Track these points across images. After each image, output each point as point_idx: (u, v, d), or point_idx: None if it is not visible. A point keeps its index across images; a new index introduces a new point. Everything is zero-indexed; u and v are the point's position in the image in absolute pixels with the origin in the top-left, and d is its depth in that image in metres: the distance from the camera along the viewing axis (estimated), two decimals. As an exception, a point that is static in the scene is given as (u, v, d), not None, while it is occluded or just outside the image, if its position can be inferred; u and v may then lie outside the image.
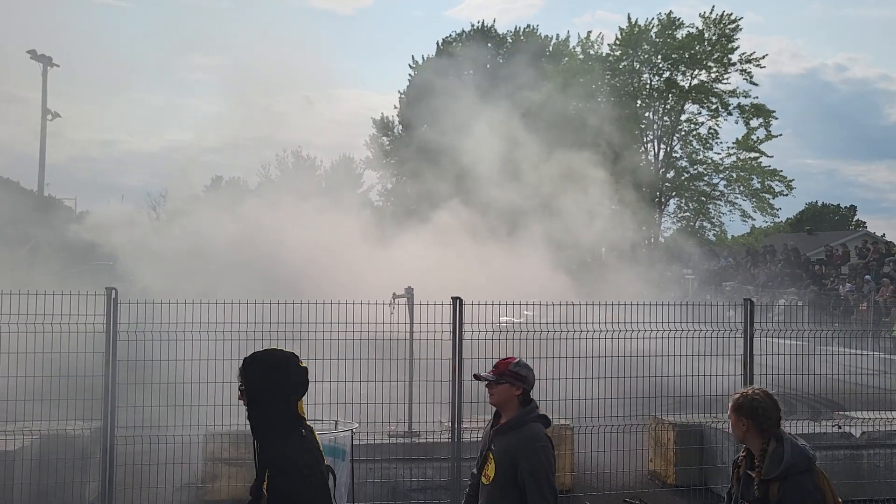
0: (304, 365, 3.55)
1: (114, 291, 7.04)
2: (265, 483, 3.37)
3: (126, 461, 7.42)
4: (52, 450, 7.71)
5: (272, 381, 3.41)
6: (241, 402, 3.57)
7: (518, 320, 8.60)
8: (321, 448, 3.63)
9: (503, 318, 8.29)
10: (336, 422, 6.89)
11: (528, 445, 4.29)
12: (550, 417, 4.55)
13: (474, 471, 4.59)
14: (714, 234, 48.21)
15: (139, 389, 7.42)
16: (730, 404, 4.24)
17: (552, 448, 4.39)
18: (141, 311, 7.43)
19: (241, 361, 3.62)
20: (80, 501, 7.78)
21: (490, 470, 4.40)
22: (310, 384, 3.74)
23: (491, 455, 4.41)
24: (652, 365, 8.61)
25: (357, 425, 6.88)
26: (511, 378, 4.45)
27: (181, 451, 8.16)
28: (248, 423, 3.62)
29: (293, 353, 3.57)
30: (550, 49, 49.78)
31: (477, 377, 4.63)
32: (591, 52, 46.86)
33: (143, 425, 7.52)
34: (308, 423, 3.62)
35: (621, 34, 46.12)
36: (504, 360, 4.58)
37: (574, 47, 48.46)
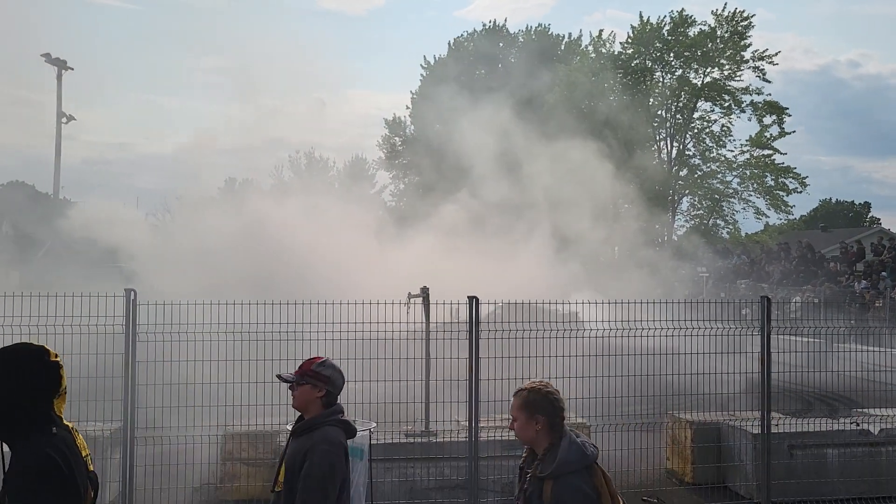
0: (55, 360, 3.22)
1: (133, 293, 7.09)
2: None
3: (146, 461, 7.47)
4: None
5: (15, 377, 3.10)
6: None
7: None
8: (80, 450, 3.23)
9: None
10: (353, 421, 6.90)
11: (314, 448, 3.99)
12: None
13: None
14: (728, 232, 47.96)
15: (157, 390, 7.46)
16: (516, 402, 3.82)
17: (343, 457, 4.07)
18: (155, 312, 7.47)
19: None
20: (100, 501, 7.83)
21: (282, 476, 4.12)
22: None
23: (284, 461, 4.15)
24: (667, 363, 8.59)
25: (374, 425, 6.91)
26: (313, 379, 4.19)
27: (199, 451, 8.22)
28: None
29: (43, 347, 3.23)
30: (562, 48, 49.69)
31: (280, 378, 4.32)
32: (603, 50, 46.76)
33: (162, 426, 7.56)
34: (66, 423, 3.26)
35: (633, 32, 46.01)
36: (309, 359, 4.31)
37: (586, 46, 48.37)
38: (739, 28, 43.96)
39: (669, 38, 44.97)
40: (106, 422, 7.74)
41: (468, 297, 7.52)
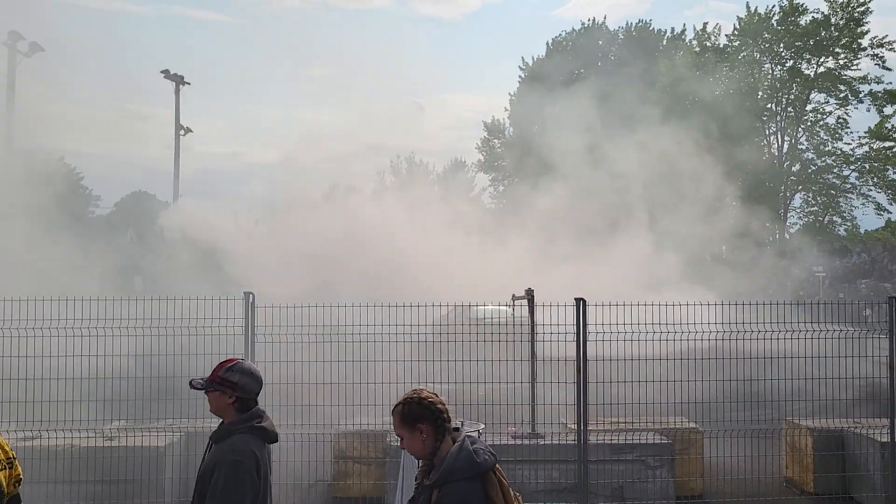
0: None
1: (251, 296, 7.42)
2: None
3: (264, 458, 7.78)
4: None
5: None
6: None
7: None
8: None
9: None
10: (462, 422, 6.98)
11: (221, 460, 3.82)
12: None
13: None
14: (845, 230, 45.44)
15: (274, 389, 7.76)
16: (394, 420, 3.64)
17: (254, 467, 3.85)
18: (271, 314, 7.78)
19: None
20: (223, 495, 8.22)
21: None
22: (436, 385, 3.72)
23: (200, 471, 3.99)
24: (782, 367, 8.25)
25: (483, 426, 6.96)
26: (220, 385, 4.00)
27: (313, 449, 8.52)
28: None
29: None
30: (664, 43, 48.48)
31: (191, 384, 4.14)
32: (708, 44, 45.30)
33: (279, 424, 7.86)
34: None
35: (740, 24, 44.36)
36: (221, 363, 4.10)
37: (690, 40, 47.00)
38: (856, 14, 41.64)
39: (779, 28, 43.09)
40: (227, 419, 8.12)
41: (575, 298, 7.47)
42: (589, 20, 50.95)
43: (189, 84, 37.30)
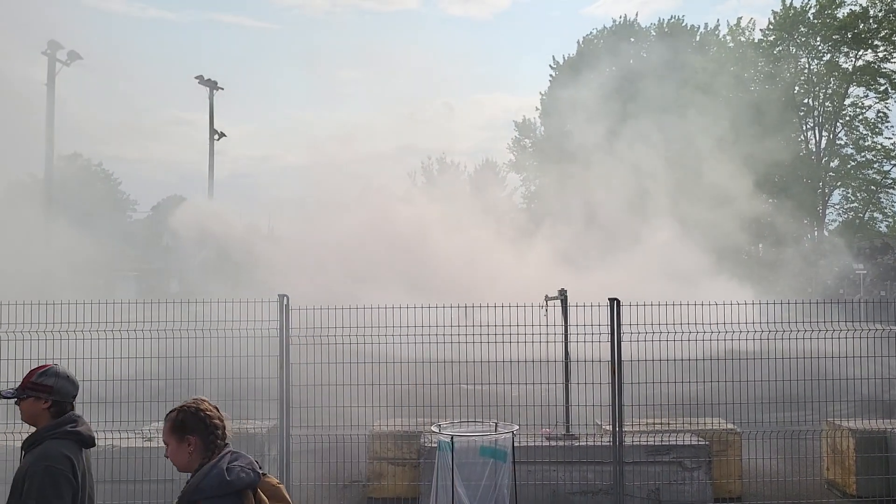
0: None
1: (286, 298, 7.49)
2: None
3: (301, 458, 7.86)
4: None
5: None
6: None
7: None
8: None
9: None
10: (496, 423, 6.98)
11: (31, 469, 3.64)
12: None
13: None
14: (887, 226, 44.44)
15: (309, 391, 7.83)
16: (165, 426, 3.47)
17: (68, 471, 3.67)
18: (306, 316, 7.83)
19: None
20: (259, 495, 8.31)
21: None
22: (468, 386, 3.68)
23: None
24: (823, 367, 8.10)
25: (517, 427, 6.94)
26: (34, 391, 3.83)
27: (348, 449, 8.57)
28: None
29: None
30: (697, 39, 47.89)
31: (1, 394, 3.91)
32: (742, 39, 44.65)
33: (314, 424, 7.93)
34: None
35: (775, 18, 43.64)
36: (32, 370, 3.92)
37: (724, 36, 46.35)
38: (895, 6, 40.73)
39: (815, 21, 42.30)
40: (264, 420, 8.22)
41: (609, 299, 7.41)
42: (620, 17, 50.57)
43: (223, 89, 37.69)
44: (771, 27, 43.91)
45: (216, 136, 36.66)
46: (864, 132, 43.23)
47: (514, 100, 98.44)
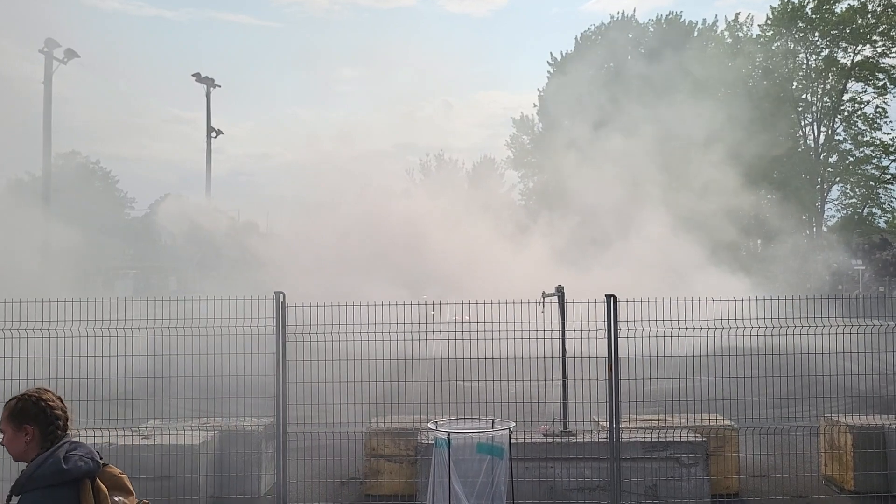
0: None
1: (282, 296, 7.47)
2: None
3: (297, 455, 7.85)
4: (230, 444, 8.30)
5: None
6: None
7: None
8: None
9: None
10: (493, 420, 6.97)
11: None
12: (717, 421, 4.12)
13: None
14: (886, 221, 44.46)
15: (305, 388, 7.82)
16: (3, 413, 3.36)
17: None
18: (302, 313, 7.83)
19: None
20: (257, 492, 8.32)
21: None
22: (465, 383, 3.65)
23: None
24: (821, 363, 8.10)
25: (514, 424, 6.92)
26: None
27: (345, 446, 8.56)
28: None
29: None
30: (695, 34, 47.88)
31: None
32: (741, 34, 44.63)
33: (311, 422, 7.93)
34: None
35: (773, 13, 43.61)
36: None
37: (722, 31, 46.33)
38: (894, 1, 40.69)
39: (814, 16, 42.29)
40: (260, 417, 8.21)
41: (606, 295, 7.40)
42: (618, 13, 50.54)
43: (220, 87, 37.67)
44: (769, 23, 43.90)
45: (214, 134, 36.63)
46: (863, 127, 43.28)
47: (513, 97, 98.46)
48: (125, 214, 55.47)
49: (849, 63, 42.34)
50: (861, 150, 43.36)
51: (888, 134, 42.58)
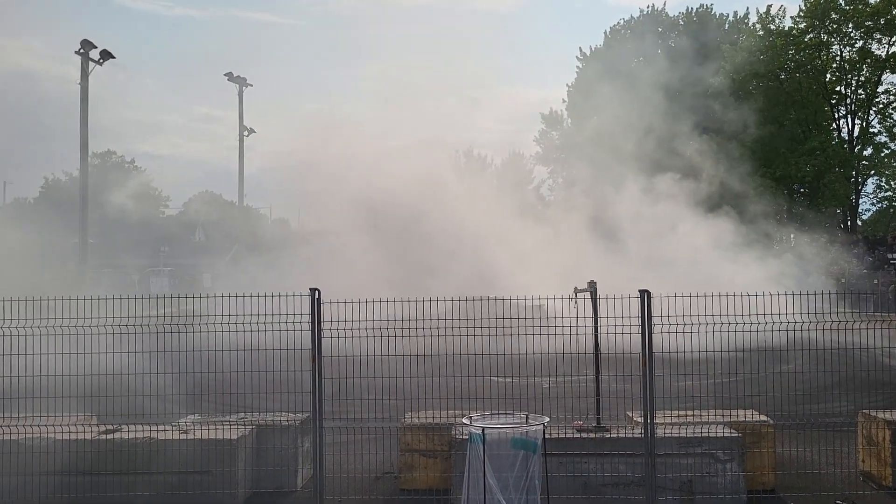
0: None
1: (317, 292, 7.57)
2: None
3: (333, 450, 7.96)
4: (267, 439, 8.44)
5: None
6: None
7: None
8: None
9: None
10: (527, 415, 7.01)
11: None
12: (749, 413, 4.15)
13: None
14: (923, 215, 43.58)
15: (341, 383, 7.92)
16: None
17: None
18: (337, 309, 7.92)
19: None
20: (293, 486, 8.45)
21: None
22: (498, 379, 3.66)
23: None
24: (858, 358, 8.01)
25: (548, 419, 6.96)
26: None
27: (380, 441, 8.66)
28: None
29: None
30: (726, 28, 47.30)
31: None
32: (772, 27, 43.95)
33: (346, 416, 8.04)
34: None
35: (805, 5, 42.87)
36: None
37: (753, 24, 45.68)
38: (932, -10, 39.81)
39: (847, 7, 41.50)
40: (296, 412, 8.33)
41: (640, 290, 7.39)
42: (648, 7, 50.02)
43: (252, 86, 38.06)
44: (802, 14, 43.16)
45: (246, 133, 37.01)
46: (900, 120, 42.41)
47: (541, 92, 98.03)
48: (160, 213, 56.35)
49: (884, 54, 41.52)
50: (897, 142, 42.55)
51: (925, 126, 41.76)
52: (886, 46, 41.56)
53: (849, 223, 42.59)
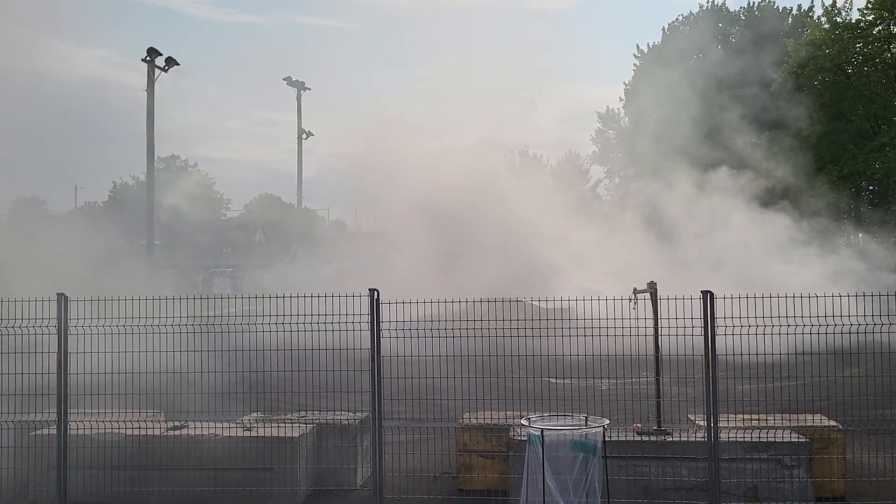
0: None
1: (376, 292, 7.64)
2: None
3: (392, 449, 8.02)
4: (327, 437, 8.56)
5: None
6: None
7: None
8: None
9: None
10: (586, 417, 6.95)
11: None
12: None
13: None
14: None
15: (399, 383, 7.98)
16: None
17: None
18: (396, 310, 7.98)
19: None
20: (353, 484, 8.55)
21: None
22: (555, 381, 3.63)
23: None
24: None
25: (608, 422, 6.89)
26: None
27: (437, 442, 8.69)
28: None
29: None
30: (790, 21, 46.02)
31: None
32: (839, 19, 42.56)
33: (405, 417, 8.09)
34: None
35: (874, -4, 41.39)
36: None
37: (819, 17, 44.32)
38: None
39: (919, -4, 39.89)
40: (356, 412, 8.43)
41: (702, 291, 7.25)
42: (707, 1, 48.97)
43: (310, 89, 38.65)
44: (870, 6, 41.67)
45: (304, 136, 37.61)
46: (977, 113, 40.54)
47: (597, 90, 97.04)
48: (221, 215, 57.73)
49: (958, 46, 39.81)
50: (973, 137, 40.69)
51: None
52: (960, 38, 39.84)
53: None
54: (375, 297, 7.69)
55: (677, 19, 49.43)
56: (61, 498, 7.62)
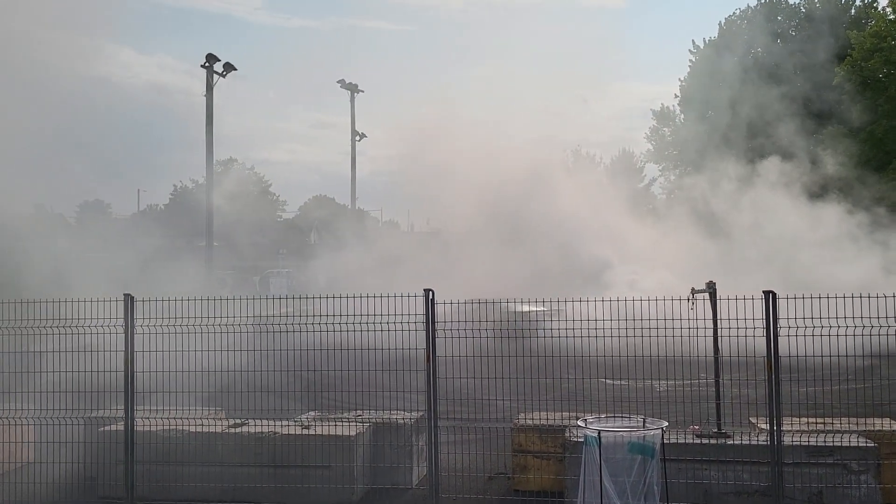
0: None
1: (431, 293, 7.67)
2: None
3: (447, 449, 8.05)
4: (383, 436, 8.64)
5: None
6: None
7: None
8: None
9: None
10: (643, 419, 6.86)
11: None
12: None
13: None
14: None
15: (454, 383, 8.00)
16: None
17: None
18: (448, 310, 7.99)
19: None
20: (408, 483, 8.61)
21: None
22: (611, 382, 3.60)
23: None
24: None
25: (666, 424, 6.79)
26: None
27: (492, 442, 8.68)
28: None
29: None
30: (852, 13, 44.59)
31: None
32: (904, 9, 41.03)
33: (459, 417, 8.11)
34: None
35: (943, -16, 39.80)
36: None
37: (883, 7, 42.84)
38: None
39: None
40: (412, 411, 8.48)
41: (764, 291, 7.08)
42: (765, -5, 47.76)
43: (363, 91, 39.01)
44: (939, -6, 40.09)
45: (358, 138, 37.98)
46: None
47: (652, 88, 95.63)
48: (277, 216, 58.73)
49: None
50: None
51: None
52: None
53: None
54: (430, 297, 7.72)
55: (734, 13, 48.38)
56: (128, 492, 7.85)
